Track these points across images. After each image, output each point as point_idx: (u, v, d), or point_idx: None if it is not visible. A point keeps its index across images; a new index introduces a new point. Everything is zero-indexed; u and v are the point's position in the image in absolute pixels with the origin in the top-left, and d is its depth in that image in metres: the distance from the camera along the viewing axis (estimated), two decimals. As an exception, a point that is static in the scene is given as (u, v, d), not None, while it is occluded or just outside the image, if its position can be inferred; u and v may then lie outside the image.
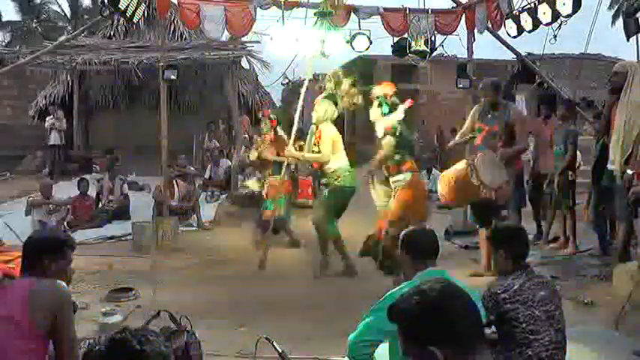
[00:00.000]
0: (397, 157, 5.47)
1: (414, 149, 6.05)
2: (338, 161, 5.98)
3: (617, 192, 5.30)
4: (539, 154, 7.10)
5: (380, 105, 5.55)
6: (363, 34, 7.15)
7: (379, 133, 5.60)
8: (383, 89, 5.64)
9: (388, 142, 5.45)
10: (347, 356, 2.68)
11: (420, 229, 3.08)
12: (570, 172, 6.46)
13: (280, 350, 2.66)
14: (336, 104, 6.03)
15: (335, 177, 5.93)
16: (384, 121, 5.54)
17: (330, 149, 5.97)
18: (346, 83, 6.00)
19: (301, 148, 6.40)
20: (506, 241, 2.84)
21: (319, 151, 6.00)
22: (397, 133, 5.45)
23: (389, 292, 2.67)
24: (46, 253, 2.58)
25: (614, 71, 5.35)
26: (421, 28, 7.46)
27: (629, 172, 4.91)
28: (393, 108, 5.52)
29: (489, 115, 5.74)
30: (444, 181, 5.45)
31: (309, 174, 7.77)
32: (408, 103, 5.61)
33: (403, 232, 2.95)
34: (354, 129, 17.59)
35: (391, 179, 5.54)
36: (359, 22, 7.27)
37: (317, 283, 5.81)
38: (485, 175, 5.12)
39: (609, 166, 5.33)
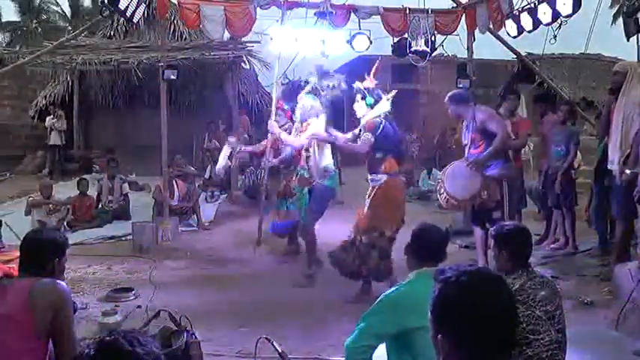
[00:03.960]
0: (378, 155, 5.16)
1: (400, 148, 5.63)
2: (325, 159, 5.80)
3: (616, 192, 5.30)
4: (539, 153, 7.11)
5: (363, 97, 5.30)
6: (363, 34, 7.14)
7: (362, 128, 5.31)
8: (364, 84, 5.39)
9: (365, 139, 5.17)
10: None
11: (430, 228, 2.88)
12: (572, 172, 6.47)
13: (280, 350, 2.65)
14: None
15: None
16: (368, 116, 5.26)
17: (304, 141, 5.85)
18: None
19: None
20: (510, 242, 2.82)
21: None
22: (380, 129, 5.13)
23: (382, 295, 2.64)
24: (50, 253, 2.58)
25: (614, 71, 5.35)
26: (421, 28, 7.46)
27: (628, 171, 4.90)
28: (376, 100, 5.27)
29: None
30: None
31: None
32: (392, 93, 5.32)
33: (413, 229, 2.88)
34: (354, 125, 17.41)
35: (368, 177, 5.35)
36: (359, 22, 7.27)
37: (317, 284, 5.80)
38: (452, 188, 5.14)
39: (609, 166, 5.33)
